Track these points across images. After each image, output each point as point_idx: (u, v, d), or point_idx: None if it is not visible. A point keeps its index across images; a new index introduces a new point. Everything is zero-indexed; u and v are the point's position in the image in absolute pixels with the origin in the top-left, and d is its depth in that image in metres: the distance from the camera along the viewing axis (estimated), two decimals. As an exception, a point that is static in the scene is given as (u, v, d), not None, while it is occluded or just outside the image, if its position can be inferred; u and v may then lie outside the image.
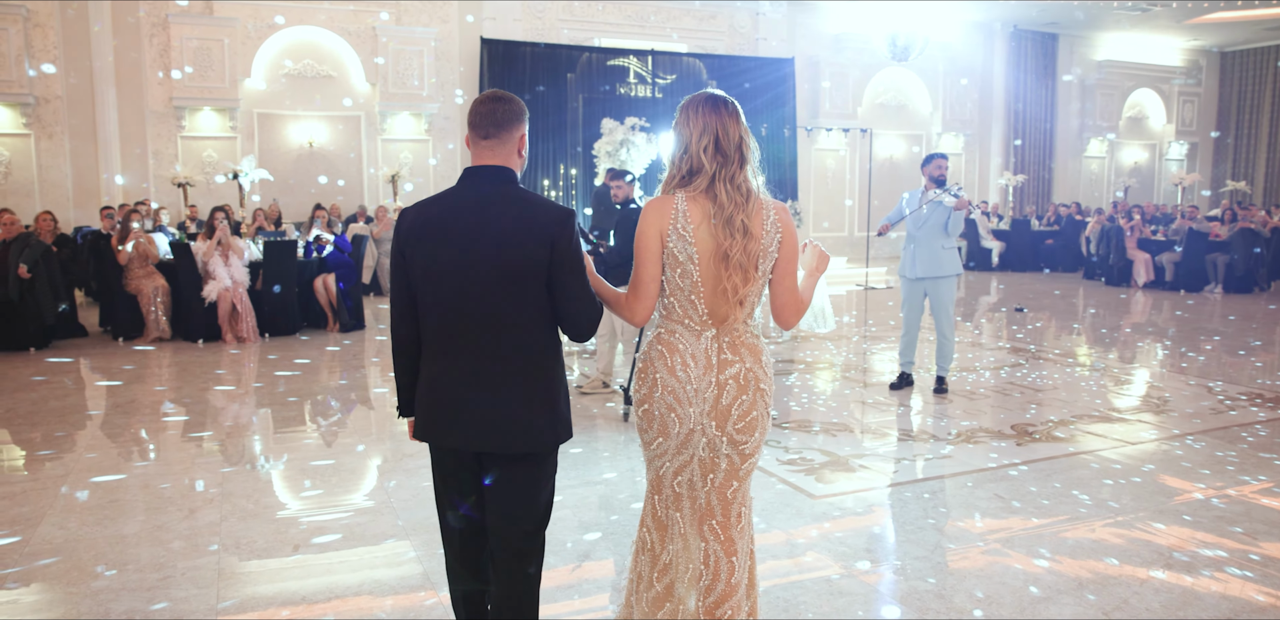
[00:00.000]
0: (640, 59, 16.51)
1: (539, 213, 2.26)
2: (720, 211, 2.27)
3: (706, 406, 2.30)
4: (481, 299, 2.23)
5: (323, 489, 4.53)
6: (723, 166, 2.29)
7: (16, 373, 7.50)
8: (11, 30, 12.78)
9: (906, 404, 6.25)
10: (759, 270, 2.30)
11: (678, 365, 2.32)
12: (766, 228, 2.30)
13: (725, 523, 2.36)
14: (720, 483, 2.35)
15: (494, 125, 2.31)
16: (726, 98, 2.35)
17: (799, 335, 9.47)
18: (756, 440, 2.35)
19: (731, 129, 2.30)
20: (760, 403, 2.34)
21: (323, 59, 14.72)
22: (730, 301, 2.30)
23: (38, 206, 13.18)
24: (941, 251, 6.27)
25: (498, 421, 2.26)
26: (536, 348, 2.29)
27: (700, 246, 2.28)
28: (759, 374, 2.34)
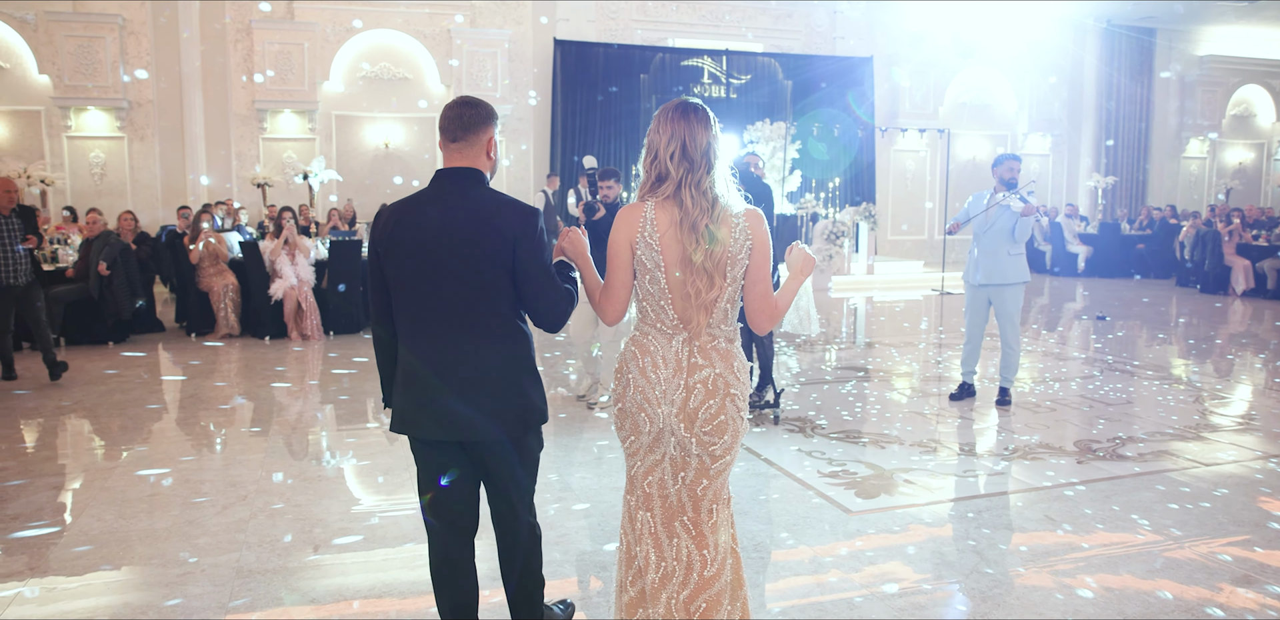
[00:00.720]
0: (714, 59, 16.35)
1: (503, 211, 2.38)
2: (685, 217, 2.31)
3: (675, 408, 2.35)
4: (451, 294, 2.36)
5: (355, 489, 4.54)
6: (689, 172, 2.32)
7: (92, 365, 7.79)
8: (108, 38, 13.34)
9: (965, 416, 5.97)
10: (726, 276, 2.33)
11: (649, 366, 2.38)
12: (734, 234, 2.33)
13: (696, 519, 2.40)
14: (690, 480, 2.40)
15: (461, 129, 2.43)
16: (698, 106, 2.38)
17: (873, 343, 9.20)
18: (726, 442, 2.38)
19: (699, 136, 2.33)
20: (730, 407, 2.37)
21: (399, 61, 14.98)
22: (696, 306, 2.34)
23: (130, 206, 13.76)
24: (1007, 258, 5.96)
25: (470, 411, 2.38)
26: (506, 339, 2.42)
27: (666, 253, 2.33)
28: (730, 379, 2.37)
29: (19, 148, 13.49)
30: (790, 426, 5.67)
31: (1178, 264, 15.20)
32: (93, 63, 13.31)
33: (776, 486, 4.53)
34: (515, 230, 2.35)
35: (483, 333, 2.39)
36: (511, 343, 2.43)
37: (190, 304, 9.40)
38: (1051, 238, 16.65)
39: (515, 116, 15.62)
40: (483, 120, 2.45)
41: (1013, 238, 5.94)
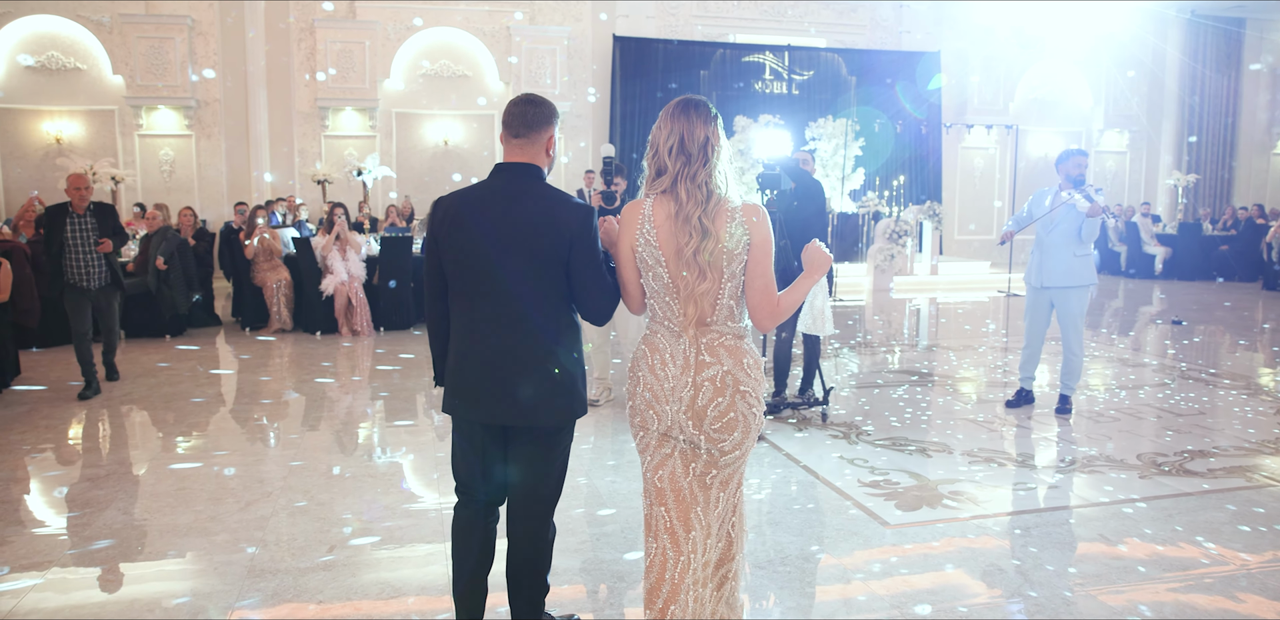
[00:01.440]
0: (776, 55, 16.07)
1: (562, 209, 2.44)
2: (680, 210, 2.30)
3: (683, 406, 2.34)
4: (506, 284, 2.43)
5: (380, 488, 4.46)
6: (685, 166, 2.31)
7: (147, 358, 7.92)
8: (177, 39, 13.67)
9: (1022, 424, 5.66)
10: (723, 271, 2.30)
11: (657, 364, 2.38)
12: (731, 229, 2.30)
13: (708, 509, 2.41)
14: (700, 472, 2.39)
15: (524, 126, 2.50)
16: (700, 101, 2.37)
17: (932, 346, 8.89)
18: (737, 439, 2.36)
19: (698, 131, 2.32)
20: (740, 404, 2.34)
21: (458, 59, 15.04)
22: (687, 299, 2.32)
23: (197, 202, 14.09)
24: (1073, 259, 5.63)
25: (519, 397, 2.46)
26: (556, 330, 2.49)
27: (665, 248, 2.32)
28: (739, 376, 2.34)
29: (94, 146, 13.90)
30: (835, 432, 5.44)
31: (1265, 266, 14.41)
32: (163, 63, 13.64)
33: (813, 495, 4.32)
34: (574, 227, 2.41)
35: (536, 323, 2.46)
36: (562, 334, 2.49)
37: (245, 299, 9.52)
38: (1127, 238, 15.96)
39: (574, 113, 15.57)
40: (545, 118, 2.52)
41: (1079, 238, 5.61)
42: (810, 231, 6.08)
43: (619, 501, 4.25)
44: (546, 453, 2.58)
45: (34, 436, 5.39)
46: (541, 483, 2.60)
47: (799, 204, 6.16)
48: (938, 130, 16.72)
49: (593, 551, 3.67)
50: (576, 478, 4.60)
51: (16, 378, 7.03)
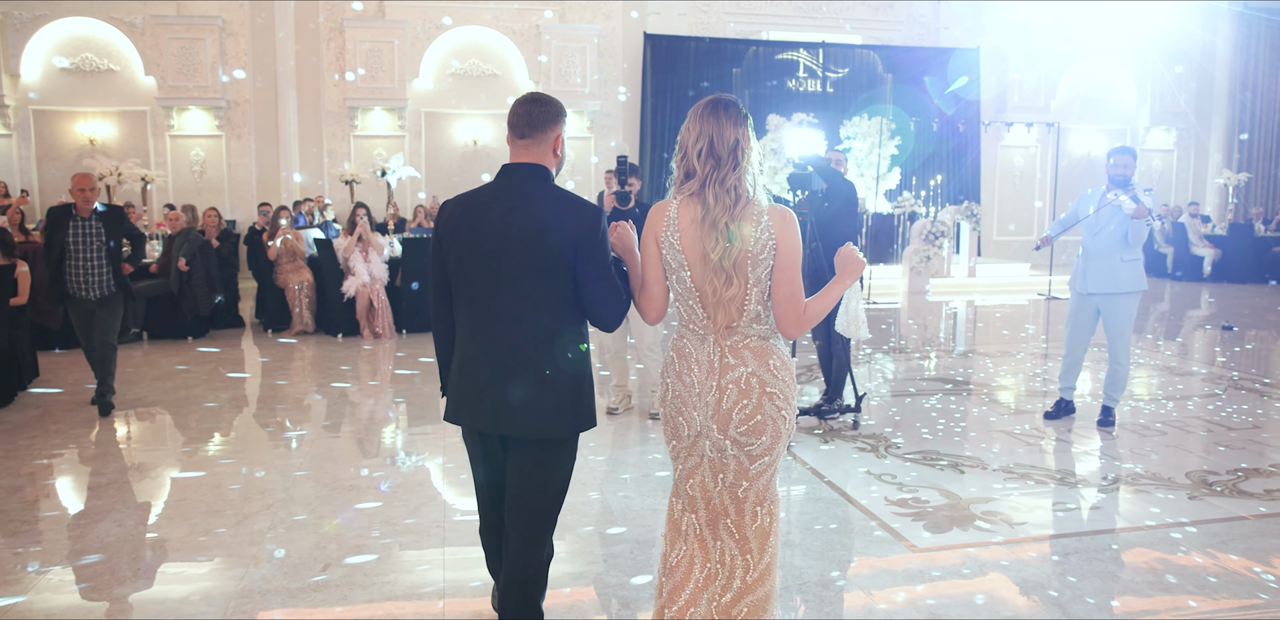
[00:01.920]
0: (810, 52, 15.76)
1: (568, 210, 2.37)
2: (707, 214, 2.26)
3: (709, 410, 2.30)
4: (510, 289, 2.37)
5: (385, 500, 4.29)
6: (715, 169, 2.26)
7: (167, 360, 7.86)
8: (208, 40, 13.68)
9: (1062, 438, 5.36)
10: (748, 276, 2.26)
11: (684, 370, 2.35)
12: (757, 233, 2.26)
13: (739, 521, 2.34)
14: (730, 482, 2.33)
15: (529, 126, 2.43)
16: (730, 102, 2.31)
17: (967, 352, 8.58)
18: (765, 443, 2.30)
19: (728, 133, 2.27)
20: (768, 406, 2.29)
21: (487, 58, 14.92)
22: (715, 305, 2.29)
23: (227, 202, 14.11)
24: (1120, 264, 5.32)
25: (520, 407, 2.39)
26: (562, 338, 2.40)
27: (689, 252, 2.29)
28: (765, 378, 2.29)
29: (126, 147, 13.97)
30: (863, 444, 5.18)
31: (1320, 269, 13.84)
32: (194, 63, 13.67)
33: (836, 515, 4.08)
34: (579, 229, 2.35)
35: (540, 329, 2.39)
36: (568, 341, 2.41)
37: (268, 300, 9.45)
38: (1174, 239, 15.44)
39: (604, 112, 15.38)
40: (551, 118, 2.45)
41: (1125, 242, 5.30)
42: (841, 233, 5.84)
43: (631, 519, 4.04)
44: (545, 467, 2.47)
45: (43, 442, 5.30)
46: (537, 498, 2.49)
47: (830, 205, 5.94)
48: (976, 128, 16.30)
49: (599, 574, 3.47)
50: (588, 492, 4.40)
51: (34, 380, 6.98)
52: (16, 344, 6.75)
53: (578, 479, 4.60)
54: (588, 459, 4.95)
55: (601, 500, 4.30)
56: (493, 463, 2.55)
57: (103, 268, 5.84)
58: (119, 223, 5.94)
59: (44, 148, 13.85)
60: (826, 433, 5.45)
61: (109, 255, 5.84)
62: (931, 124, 15.93)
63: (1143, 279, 5.38)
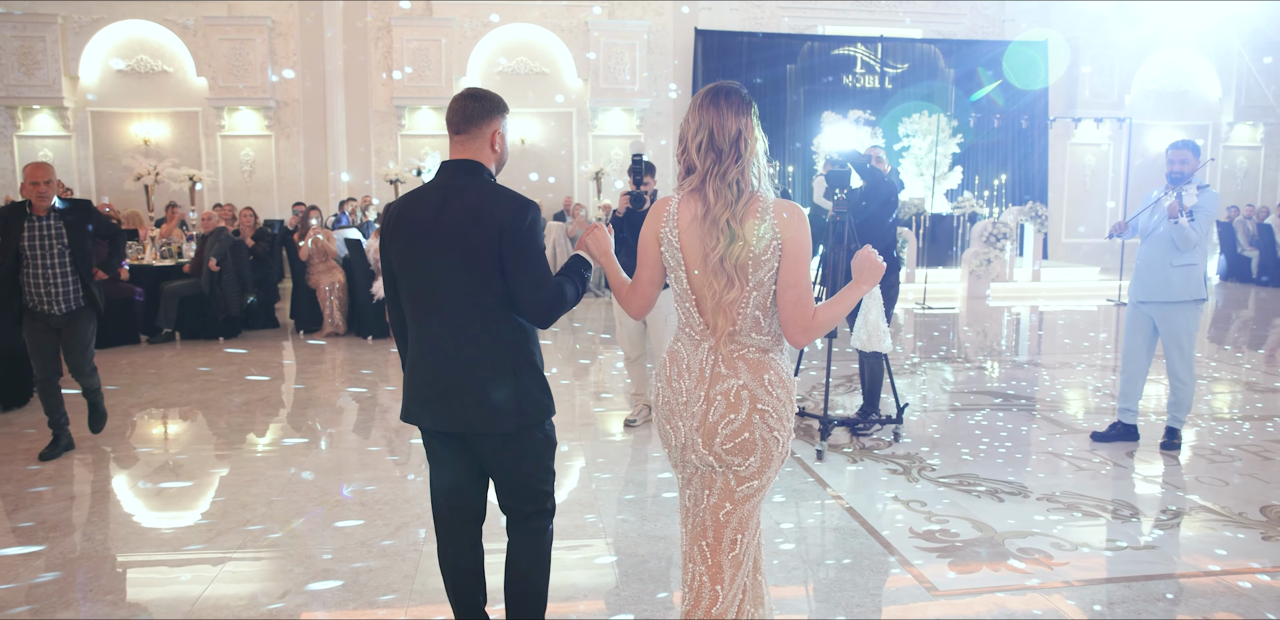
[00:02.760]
0: (868, 47, 15.20)
1: (494, 203, 2.33)
2: (708, 212, 2.11)
3: (695, 422, 2.16)
4: (445, 285, 2.35)
5: (366, 519, 4.02)
6: (715, 163, 2.12)
7: (192, 361, 7.76)
8: (258, 40, 13.73)
9: (1120, 462, 4.84)
10: (749, 278, 2.10)
11: (674, 375, 2.22)
12: (760, 232, 2.08)
13: (716, 547, 2.18)
14: (714, 502, 2.19)
15: (464, 121, 2.42)
16: (733, 90, 2.16)
17: (1023, 362, 8.04)
18: (754, 465, 2.15)
19: (729, 124, 2.12)
20: (758, 424, 2.12)
21: (535, 56, 14.71)
22: (715, 309, 2.13)
23: (276, 202, 14.15)
24: (1170, 270, 4.80)
25: (465, 403, 2.36)
26: (502, 332, 2.37)
27: (688, 251, 2.15)
28: (758, 393, 2.13)
29: (179, 147, 14.11)
30: (894, 465, 4.75)
31: None
32: (244, 64, 13.73)
33: (852, 547, 3.67)
34: (503, 221, 2.30)
35: (475, 324, 2.36)
36: (504, 335, 2.38)
37: (301, 301, 9.33)
38: (1259, 242, 14.48)
39: (654, 111, 15.06)
40: (486, 113, 2.43)
41: (1175, 245, 4.79)
42: (877, 234, 5.44)
43: (625, 547, 3.69)
44: (509, 458, 2.45)
45: (43, 445, 5.16)
46: (518, 485, 2.48)
47: (868, 204, 5.54)
48: (1043, 125, 15.54)
49: (581, 613, 3.12)
50: (584, 514, 4.06)
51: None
52: (38, 344, 6.69)
53: (575, 499, 4.27)
54: (591, 475, 4.62)
55: (597, 523, 3.96)
56: (448, 464, 2.51)
57: (66, 276, 4.82)
58: (84, 220, 4.89)
59: (101, 148, 14.06)
60: (857, 451, 5.02)
61: (74, 260, 4.82)
62: (993, 120, 15.23)
63: (1200, 287, 4.84)
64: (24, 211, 4.76)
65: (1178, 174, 4.82)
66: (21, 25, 13.44)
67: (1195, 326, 4.90)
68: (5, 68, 13.53)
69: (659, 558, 3.57)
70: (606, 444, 5.27)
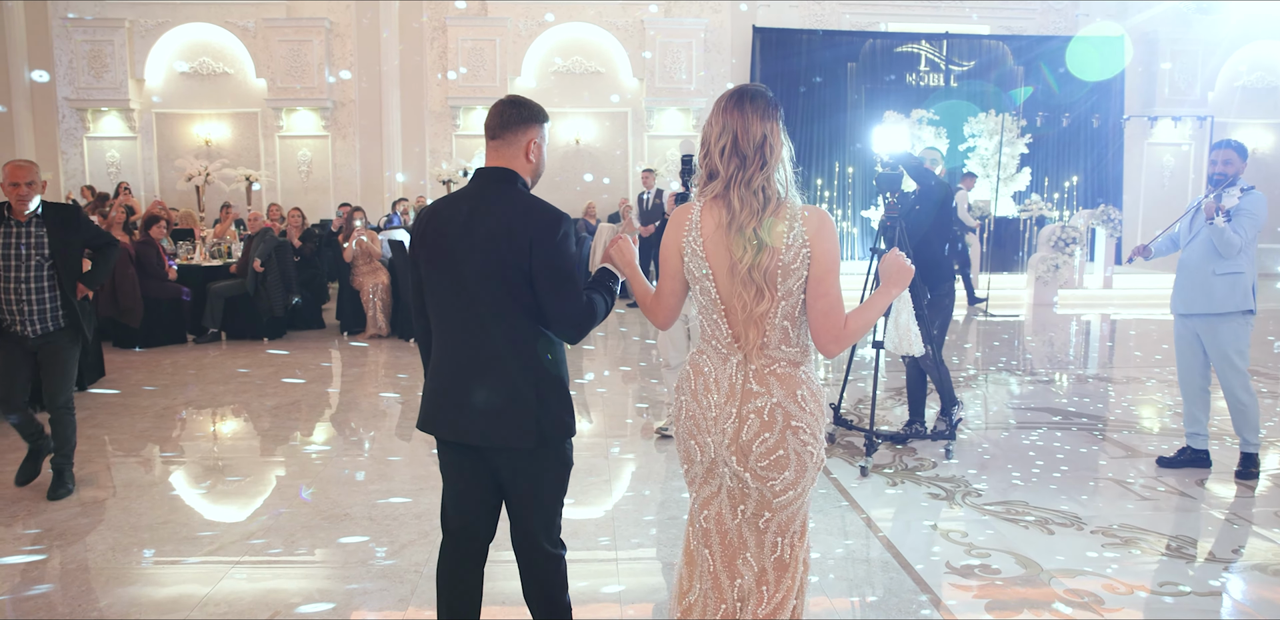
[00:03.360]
0: (933, 44, 14.70)
1: (526, 214, 2.28)
2: (733, 219, 2.05)
3: (726, 439, 2.10)
4: (471, 294, 2.29)
5: (371, 535, 3.86)
6: (740, 169, 2.05)
7: (233, 362, 7.76)
8: (315, 41, 13.85)
9: (1187, 491, 4.44)
10: (778, 288, 2.04)
11: (700, 389, 2.15)
12: (789, 240, 2.03)
13: (759, 554, 2.14)
14: (751, 513, 2.14)
15: (500, 127, 2.37)
16: (758, 92, 2.09)
17: (1088, 376, 7.60)
18: (789, 479, 2.10)
19: (754, 128, 2.05)
20: (792, 440, 2.08)
21: (591, 55, 14.57)
22: (746, 321, 2.06)
23: (331, 202, 14.24)
24: (1213, 278, 4.41)
25: (479, 415, 2.31)
26: (527, 345, 2.31)
27: (714, 260, 2.08)
28: (791, 410, 2.08)
29: (239, 147, 14.31)
30: (937, 489, 4.43)
31: None
32: (301, 65, 13.85)
33: (880, 582, 3.38)
34: (532, 233, 2.25)
35: (500, 336, 2.30)
36: (528, 348, 2.31)
37: (345, 303, 9.31)
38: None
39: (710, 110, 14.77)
40: (523, 120, 2.37)
41: (1216, 250, 4.39)
42: (929, 239, 5.14)
43: (634, 576, 3.46)
44: (522, 475, 2.37)
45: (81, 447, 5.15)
46: (530, 502, 2.40)
47: (921, 208, 5.25)
48: (1118, 124, 14.84)
49: None
50: (599, 537, 3.84)
51: (99, 380, 6.96)
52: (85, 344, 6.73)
53: (591, 520, 4.05)
54: (617, 494, 4.40)
55: (609, 548, 3.74)
56: (461, 477, 2.43)
57: (44, 292, 4.17)
58: (69, 228, 4.24)
59: (165, 149, 14.33)
60: (899, 472, 4.71)
61: (55, 274, 4.19)
62: (1061, 120, 14.61)
63: (1247, 297, 4.42)
64: (2, 216, 4.14)
65: (1220, 176, 4.43)
66: (92, 29, 13.77)
67: (1246, 341, 4.48)
68: (76, 71, 13.88)
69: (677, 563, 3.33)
70: (631, 460, 5.05)
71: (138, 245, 8.44)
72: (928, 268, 5.08)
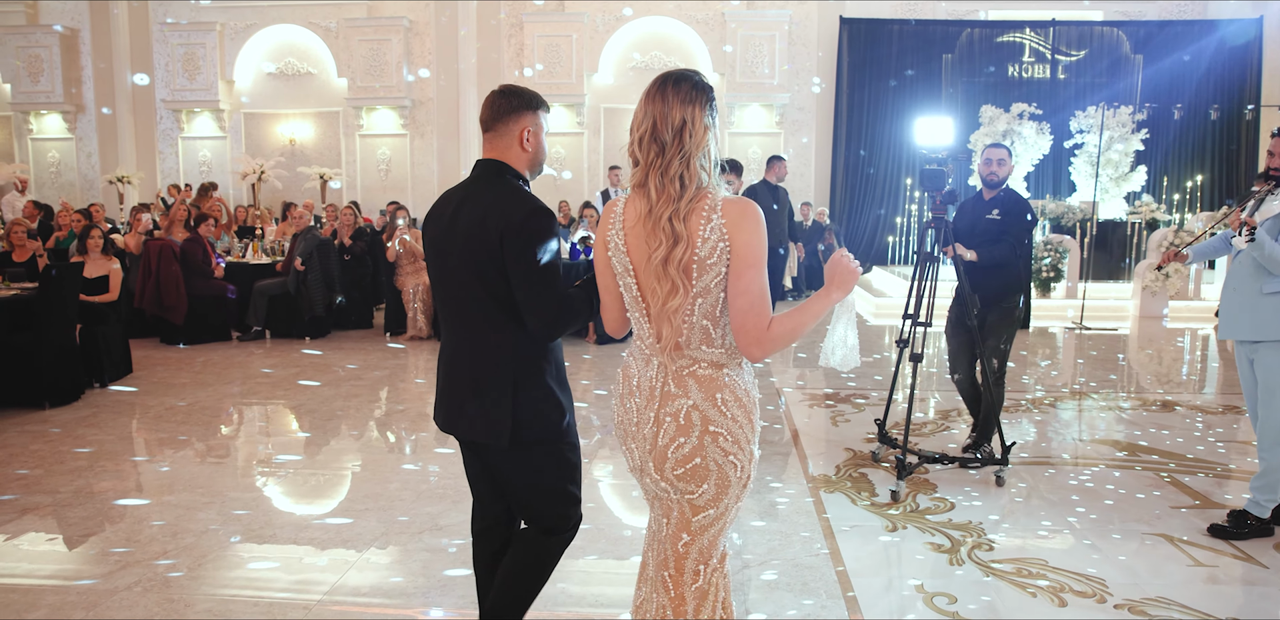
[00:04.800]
0: (1038, 32, 13.62)
1: (500, 207, 2.25)
2: (651, 210, 1.94)
3: (647, 445, 2.03)
4: (455, 290, 2.32)
5: (354, 548, 3.52)
6: (659, 156, 1.93)
7: (260, 362, 7.67)
8: (394, 40, 13.88)
9: (1256, 557, 3.65)
10: (694, 284, 1.92)
11: (625, 393, 2.11)
12: (704, 232, 1.90)
13: (678, 578, 2.05)
14: (672, 532, 2.05)
15: (492, 119, 2.36)
16: (681, 76, 1.98)
17: (1174, 403, 6.70)
18: (708, 492, 1.99)
19: (673, 113, 1.93)
20: (711, 448, 1.96)
21: (670, 50, 14.13)
22: (659, 317, 1.96)
23: (410, 200, 14.27)
24: (1261, 299, 3.60)
25: (465, 410, 2.33)
26: (505, 341, 2.29)
27: (635, 255, 1.99)
28: (709, 414, 1.96)
29: (320, 146, 14.51)
30: (941, 538, 3.78)
31: None
32: (381, 64, 13.91)
33: (826, 660, 2.81)
34: (503, 226, 2.22)
35: (479, 331, 2.31)
36: (506, 344, 2.29)
37: (390, 303, 9.16)
38: None
39: (795, 106, 14.13)
40: (514, 109, 2.35)
41: (1262, 266, 3.59)
42: (1010, 264, 4.69)
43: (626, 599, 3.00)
44: (513, 475, 2.38)
45: (61, 446, 5.05)
46: (526, 495, 2.41)
47: (1003, 219, 4.76)
48: (1252, 119, 13.37)
49: None
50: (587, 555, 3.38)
51: (125, 376, 6.95)
52: (103, 340, 6.74)
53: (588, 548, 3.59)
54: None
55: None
56: (468, 466, 2.51)
57: None
58: None
59: (253, 148, 14.67)
60: (906, 513, 4.07)
61: None
62: (1196, 113, 13.26)
63: None
64: None
65: (1277, 171, 3.61)
66: (186, 33, 14.20)
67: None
68: (172, 73, 14.35)
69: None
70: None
71: (184, 243, 8.48)
72: (988, 274, 4.59)
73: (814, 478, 4.57)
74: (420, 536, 3.77)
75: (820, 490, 4.37)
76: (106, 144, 14.75)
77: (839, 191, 14.42)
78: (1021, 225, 4.72)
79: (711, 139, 1.95)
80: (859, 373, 7.14)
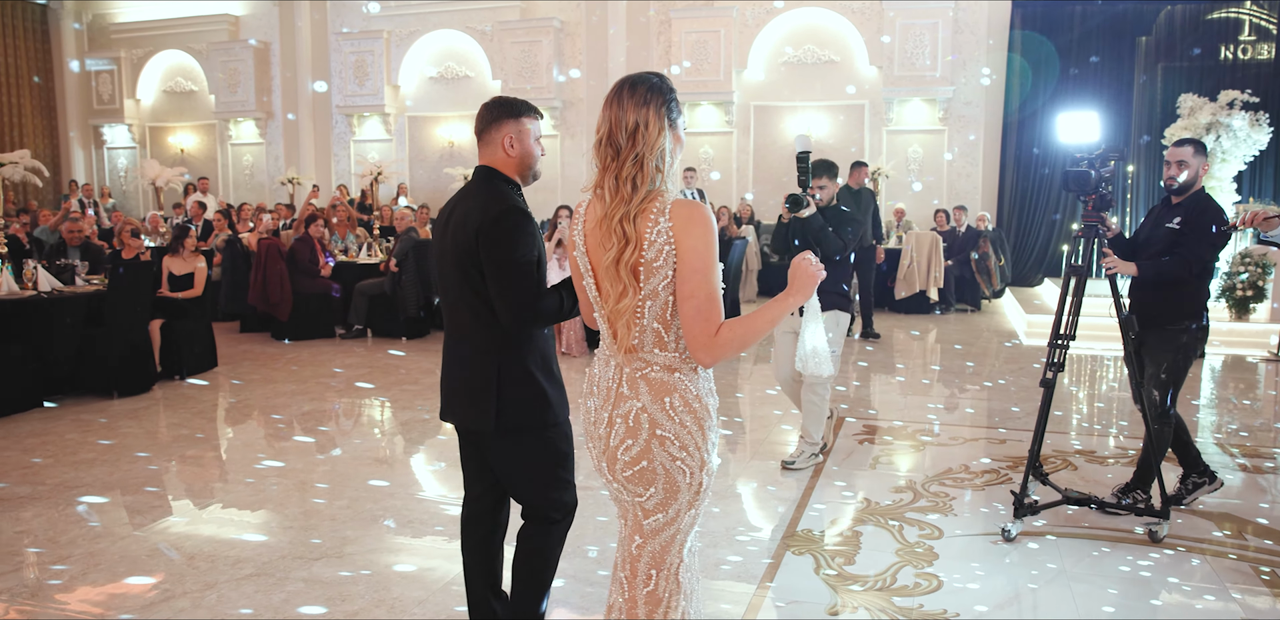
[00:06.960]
0: (1260, 5, 11.61)
1: (482, 206, 2.42)
2: (606, 212, 1.97)
3: (601, 445, 2.05)
4: (447, 286, 2.55)
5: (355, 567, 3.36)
6: (614, 159, 1.97)
7: (338, 361, 7.80)
8: (544, 41, 13.93)
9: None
10: (642, 286, 1.94)
11: (587, 394, 2.14)
12: (651, 235, 1.91)
13: (632, 580, 2.04)
14: (627, 534, 2.07)
15: (480, 130, 2.56)
16: (639, 80, 2.00)
17: None
18: (656, 496, 1.99)
19: (628, 116, 1.96)
20: (659, 452, 1.96)
21: (825, 43, 13.27)
22: (609, 316, 2.00)
23: (559, 201, 14.29)
24: None
25: (456, 399, 2.55)
26: (487, 332, 2.46)
27: (594, 256, 2.03)
28: (657, 417, 1.96)
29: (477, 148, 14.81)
30: (907, 625, 3.05)
31: None
32: (532, 65, 14.01)
33: None
34: (479, 224, 2.38)
35: (466, 324, 2.50)
36: (489, 337, 2.46)
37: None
38: None
39: (960, 100, 12.88)
40: (495, 118, 2.52)
41: None
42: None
43: None
44: (503, 461, 2.55)
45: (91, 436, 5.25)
46: (518, 479, 2.57)
47: (1189, 223, 4.03)
48: None
49: None
50: (585, 555, 3.02)
51: (209, 370, 7.24)
52: (191, 335, 7.05)
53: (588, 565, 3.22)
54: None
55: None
56: (466, 461, 2.66)
57: None
58: None
59: (415, 151, 15.23)
60: (870, 590, 3.34)
61: None
62: None
63: None
64: None
65: None
66: (357, 41, 14.94)
67: None
68: (344, 80, 15.15)
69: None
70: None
71: (294, 242, 8.78)
72: (1157, 291, 3.98)
73: (795, 534, 3.89)
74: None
75: (789, 550, 3.70)
76: (290, 148, 15.81)
77: (1008, 194, 13.00)
78: (1201, 238, 3.89)
79: (666, 140, 1.95)
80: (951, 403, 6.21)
